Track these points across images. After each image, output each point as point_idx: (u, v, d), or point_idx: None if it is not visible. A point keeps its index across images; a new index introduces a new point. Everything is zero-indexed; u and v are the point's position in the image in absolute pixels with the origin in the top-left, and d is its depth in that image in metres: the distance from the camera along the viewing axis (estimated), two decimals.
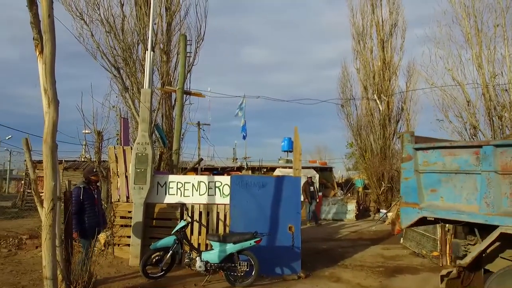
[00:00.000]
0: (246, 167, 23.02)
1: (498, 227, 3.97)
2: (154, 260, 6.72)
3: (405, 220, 5.05)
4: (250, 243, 6.41)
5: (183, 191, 7.89)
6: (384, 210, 16.43)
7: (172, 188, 7.91)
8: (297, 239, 7.24)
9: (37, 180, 5.15)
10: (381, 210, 17.03)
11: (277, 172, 19.79)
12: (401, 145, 5.26)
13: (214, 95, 20.39)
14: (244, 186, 7.52)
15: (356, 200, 17.87)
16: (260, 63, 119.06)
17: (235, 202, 7.50)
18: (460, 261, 4.52)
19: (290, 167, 17.56)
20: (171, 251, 6.61)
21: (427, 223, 5.19)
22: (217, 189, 7.86)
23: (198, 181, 7.95)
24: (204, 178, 8.05)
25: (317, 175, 18.65)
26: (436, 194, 4.67)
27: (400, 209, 5.26)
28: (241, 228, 7.15)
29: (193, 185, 7.90)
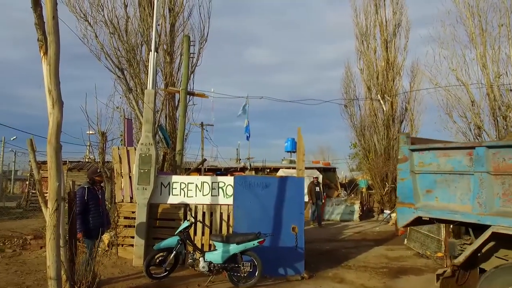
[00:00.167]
0: (249, 167, 23.02)
1: (490, 227, 4.05)
2: (158, 260, 6.74)
3: (401, 220, 5.14)
4: (254, 244, 6.41)
5: (187, 191, 7.90)
6: (388, 211, 16.36)
7: (176, 188, 7.93)
8: (300, 239, 7.22)
9: (41, 180, 5.19)
10: (385, 211, 16.97)
11: (280, 172, 19.79)
12: (397, 146, 5.32)
13: (217, 95, 20.44)
14: (247, 187, 7.52)
15: (359, 200, 17.82)
16: (263, 64, 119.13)
17: (239, 203, 7.50)
18: (454, 260, 4.59)
19: (294, 168, 17.54)
20: (174, 252, 6.63)
21: (423, 223, 5.26)
22: (220, 189, 7.87)
23: (202, 181, 7.96)
24: (207, 179, 8.06)
25: (320, 176, 18.62)
26: (431, 195, 4.75)
27: (396, 209, 5.30)
28: (244, 228, 7.15)
29: (196, 185, 7.91)
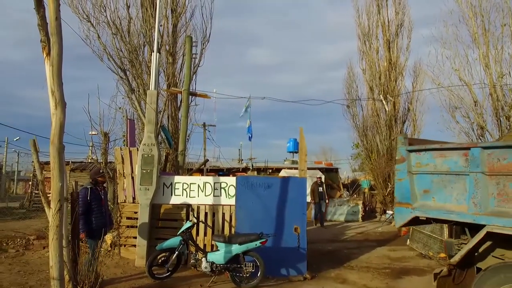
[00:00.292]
0: (251, 168, 23.02)
1: (485, 226, 4.09)
2: (160, 260, 6.74)
3: (398, 220, 5.19)
4: (256, 244, 6.40)
5: (189, 192, 7.91)
6: (390, 211, 16.30)
7: (178, 189, 7.94)
8: (302, 240, 7.22)
9: (44, 181, 5.20)
10: (387, 211, 16.91)
11: (282, 173, 19.77)
12: (395, 147, 5.36)
13: (219, 96, 20.42)
14: (249, 187, 7.52)
15: (362, 201, 17.78)
16: (265, 64, 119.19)
17: (241, 203, 7.50)
18: (450, 259, 4.66)
19: (296, 168, 17.52)
20: (177, 252, 6.63)
21: (420, 223, 5.33)
22: (222, 190, 7.87)
23: (204, 182, 7.97)
24: (209, 179, 8.07)
25: (322, 176, 18.60)
26: (428, 195, 4.81)
27: (394, 208, 5.36)
28: (246, 229, 7.16)
29: (198, 186, 7.92)
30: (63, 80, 4.59)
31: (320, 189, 14.95)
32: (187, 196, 7.90)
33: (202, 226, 7.72)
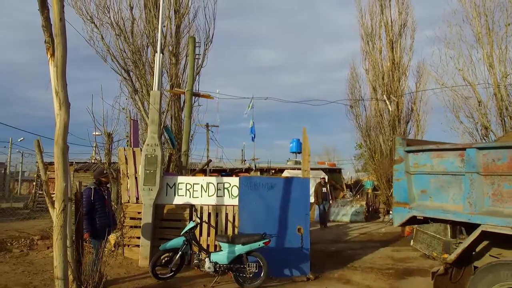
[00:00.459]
0: (254, 168, 23.03)
1: (480, 226, 4.15)
2: (164, 261, 6.76)
3: (397, 219, 5.26)
4: (259, 244, 6.41)
5: (192, 192, 7.92)
6: None
7: (181, 189, 7.95)
8: (306, 240, 7.21)
9: (48, 181, 5.23)
10: (390, 212, 16.86)
11: (285, 173, 19.78)
12: (393, 147, 5.43)
13: (222, 96, 20.44)
14: (252, 187, 7.52)
15: (365, 201, 17.74)
16: (267, 65, 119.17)
17: (244, 203, 7.51)
18: (447, 258, 4.72)
19: (299, 169, 17.50)
20: (180, 252, 6.64)
21: (418, 222, 5.41)
22: (225, 190, 7.88)
23: (207, 182, 7.98)
24: (212, 179, 8.08)
25: (326, 176, 18.57)
26: (425, 195, 4.88)
27: (392, 208, 5.41)
28: (249, 229, 7.16)
29: (202, 186, 7.93)
30: (67, 81, 4.61)
31: (324, 189, 14.89)
32: (190, 197, 7.92)
33: (205, 226, 7.73)
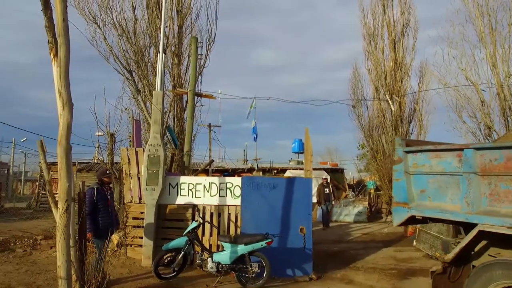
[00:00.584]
0: (256, 168, 23.03)
1: (477, 225, 4.18)
2: (166, 260, 6.76)
3: (396, 219, 5.31)
4: (262, 245, 6.40)
5: (195, 192, 7.93)
6: None
7: (184, 189, 7.96)
8: (308, 240, 7.21)
9: (51, 181, 5.25)
10: None
11: (287, 173, 19.77)
12: (392, 148, 5.48)
13: (224, 96, 20.40)
14: (255, 187, 7.52)
15: (368, 202, 17.71)
16: (269, 65, 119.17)
17: (246, 203, 7.51)
18: (444, 257, 4.76)
19: (301, 169, 17.51)
20: (183, 252, 6.65)
21: (417, 222, 5.47)
22: (228, 190, 7.88)
23: (209, 182, 7.98)
24: (215, 179, 8.08)
25: (328, 177, 18.55)
26: (424, 194, 4.93)
27: (392, 208, 5.48)
28: (252, 229, 7.16)
29: (204, 186, 7.93)
30: (70, 81, 4.63)
31: (327, 190, 14.83)
32: (192, 197, 7.92)
33: (208, 226, 7.73)
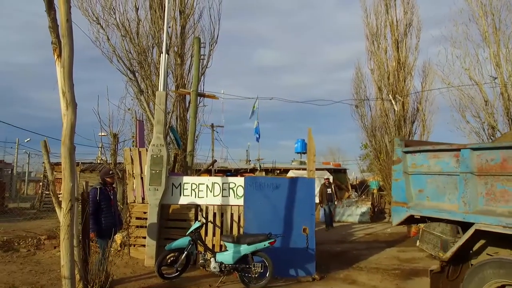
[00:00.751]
0: (259, 168, 23.04)
1: (474, 224, 4.23)
2: (169, 260, 6.78)
3: (395, 218, 5.37)
4: (264, 245, 6.41)
5: (198, 192, 7.94)
6: None
7: (187, 189, 7.97)
8: (311, 240, 7.20)
9: (55, 181, 5.27)
10: None
11: (290, 173, 19.74)
12: (391, 148, 5.55)
13: (227, 97, 20.44)
14: (258, 188, 7.52)
15: (371, 202, 17.67)
16: (272, 65, 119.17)
17: (249, 203, 7.51)
18: (442, 256, 4.81)
19: (304, 169, 17.48)
20: (186, 252, 6.66)
21: (415, 221, 5.51)
22: (231, 190, 7.88)
23: (212, 182, 7.99)
24: (218, 179, 8.09)
25: (331, 176, 18.52)
26: (423, 194, 5.00)
27: (391, 208, 5.48)
28: (255, 229, 7.16)
29: (207, 186, 7.94)
30: (73, 82, 4.64)
31: (329, 190, 14.78)
32: (195, 197, 7.93)
33: (210, 226, 7.74)
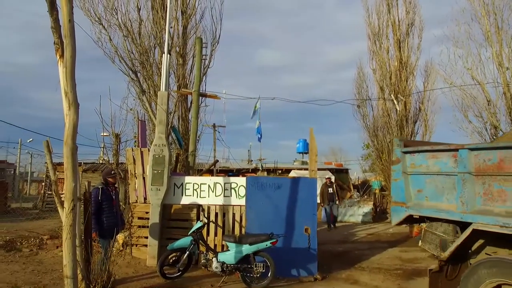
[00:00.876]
0: (261, 168, 23.02)
1: (472, 224, 4.26)
2: (171, 260, 6.79)
3: (394, 218, 5.40)
4: (266, 245, 6.41)
5: (199, 192, 7.94)
6: None
7: (189, 189, 7.98)
8: (313, 240, 7.19)
9: (57, 181, 5.27)
10: None
11: (292, 173, 19.72)
12: (391, 149, 5.60)
13: (229, 97, 20.45)
14: (259, 187, 7.52)
15: (373, 202, 17.63)
16: (273, 65, 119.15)
17: (251, 203, 7.51)
18: (441, 255, 4.83)
19: (306, 169, 17.46)
20: (187, 252, 6.66)
21: (414, 221, 5.52)
22: (232, 190, 7.88)
23: (214, 182, 7.99)
24: (220, 180, 8.09)
25: (333, 176, 18.48)
26: (421, 194, 5.04)
27: (390, 207, 5.50)
28: (256, 229, 7.16)
29: (209, 186, 7.94)
30: (75, 82, 4.65)
31: (330, 190, 14.74)
32: (197, 197, 7.94)
33: (212, 226, 7.74)
